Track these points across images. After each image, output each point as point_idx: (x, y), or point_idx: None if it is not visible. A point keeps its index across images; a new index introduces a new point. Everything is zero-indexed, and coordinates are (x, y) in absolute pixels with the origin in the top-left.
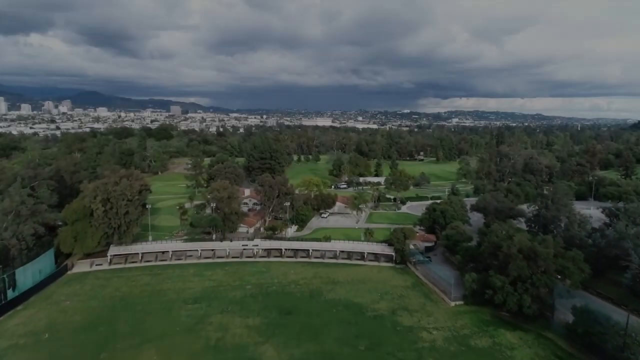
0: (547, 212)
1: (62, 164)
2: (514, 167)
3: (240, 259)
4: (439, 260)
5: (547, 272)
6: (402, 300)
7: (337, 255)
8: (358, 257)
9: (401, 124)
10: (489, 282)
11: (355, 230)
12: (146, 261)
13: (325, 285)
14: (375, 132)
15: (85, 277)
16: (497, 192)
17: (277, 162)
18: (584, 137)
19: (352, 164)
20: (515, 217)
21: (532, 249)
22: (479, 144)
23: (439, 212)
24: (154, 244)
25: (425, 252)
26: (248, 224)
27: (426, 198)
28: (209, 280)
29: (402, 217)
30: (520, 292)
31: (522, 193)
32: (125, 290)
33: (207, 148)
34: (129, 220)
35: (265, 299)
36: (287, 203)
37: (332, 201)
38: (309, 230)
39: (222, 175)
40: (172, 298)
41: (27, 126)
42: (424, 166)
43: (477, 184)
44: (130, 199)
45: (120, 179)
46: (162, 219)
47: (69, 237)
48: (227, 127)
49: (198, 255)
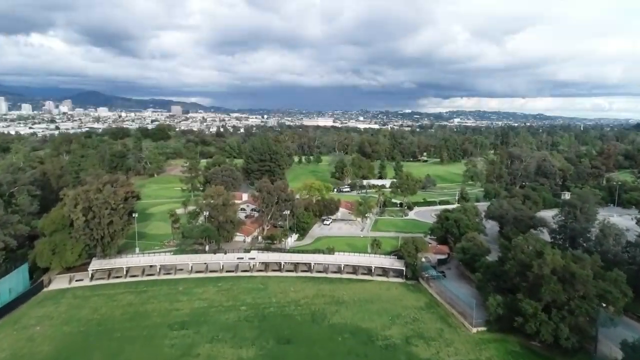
0: (575, 223)
1: (48, 167)
2: (526, 170)
3: (235, 273)
4: (454, 275)
5: (587, 297)
6: (416, 325)
7: (341, 270)
8: (364, 271)
9: (403, 124)
10: (517, 307)
11: (360, 239)
12: (132, 276)
13: (328, 306)
14: (377, 132)
15: (62, 295)
16: (514, 199)
17: (276, 164)
18: (589, 137)
19: (355, 166)
20: (536, 227)
21: (568, 270)
22: (484, 144)
23: (452, 222)
24: (141, 257)
25: (438, 265)
26: (245, 232)
27: (434, 203)
28: (199, 299)
29: (410, 225)
30: (555, 320)
31: (540, 199)
32: (104, 311)
33: (205, 149)
34: (113, 230)
35: (262, 323)
36: (286, 211)
37: (335, 207)
38: (311, 239)
39: (219, 178)
40: (156, 322)
41: (26, 126)
42: (428, 167)
43: (488, 188)
44: (115, 207)
45: (103, 186)
46: (154, 226)
47: (46, 250)
48: (227, 127)
49: (189, 270)
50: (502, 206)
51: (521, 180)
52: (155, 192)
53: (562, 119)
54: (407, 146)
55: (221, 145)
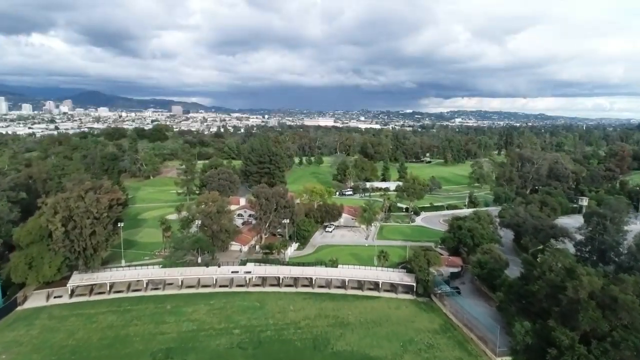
0: (606, 235)
1: (34, 170)
2: (538, 172)
3: (229, 288)
4: (469, 291)
5: (632, 326)
6: (431, 352)
7: (345, 285)
8: (371, 286)
9: (404, 124)
10: (549, 336)
11: (365, 248)
12: (116, 292)
13: (332, 329)
14: (379, 132)
15: (37, 315)
16: (531, 206)
17: (276, 166)
18: (593, 137)
19: (358, 167)
20: (557, 238)
21: (609, 294)
22: (488, 144)
23: (465, 231)
24: (126, 271)
25: (451, 279)
26: (241, 241)
27: (442, 207)
28: (188, 320)
29: (417, 232)
30: (596, 354)
31: (558, 205)
32: (81, 336)
33: (203, 150)
34: (96, 242)
35: (257, 350)
36: (286, 220)
37: (338, 212)
38: (312, 248)
39: (215, 182)
40: (138, 350)
41: (26, 126)
42: (432, 169)
43: (498, 192)
44: (98, 216)
45: (85, 192)
46: (146, 234)
47: (21, 263)
48: (228, 127)
49: (179, 284)
50: (519, 214)
51: (532, 183)
52: (150, 196)
53: (564, 119)
54: (410, 147)
55: (220, 146)
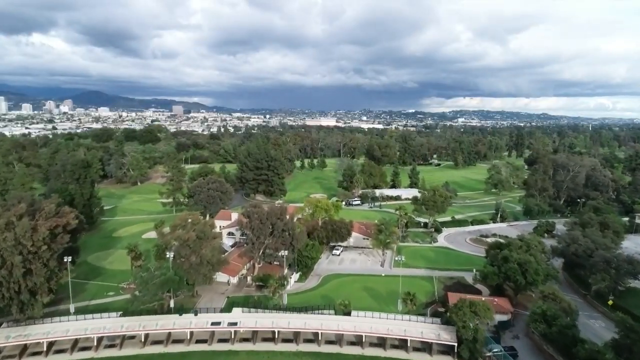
0: None
1: None
2: (574, 181)
3: (209, 345)
4: (528, 350)
5: None
6: None
7: (362, 341)
8: (396, 342)
9: (406, 124)
10: None
11: (381, 279)
12: (57, 351)
13: None
14: (382, 132)
15: None
16: (591, 229)
17: (275, 172)
18: (604, 138)
19: (366, 173)
20: (637, 276)
21: None
22: (499, 146)
23: (514, 265)
24: (71, 324)
25: (499, 329)
26: (229, 272)
27: (466, 222)
28: None
29: (442, 256)
30: None
31: (621, 227)
32: None
33: (197, 153)
34: (33, 284)
35: None
36: (283, 252)
37: (347, 231)
38: (316, 278)
39: (204, 192)
40: None
41: (23, 126)
42: (442, 172)
43: (529, 203)
44: (34, 250)
45: (18, 218)
46: (117, 258)
47: None
48: (229, 127)
49: (142, 340)
50: (576, 239)
51: (565, 193)
52: (133, 206)
53: (567, 119)
54: (417, 148)
55: (215, 148)
